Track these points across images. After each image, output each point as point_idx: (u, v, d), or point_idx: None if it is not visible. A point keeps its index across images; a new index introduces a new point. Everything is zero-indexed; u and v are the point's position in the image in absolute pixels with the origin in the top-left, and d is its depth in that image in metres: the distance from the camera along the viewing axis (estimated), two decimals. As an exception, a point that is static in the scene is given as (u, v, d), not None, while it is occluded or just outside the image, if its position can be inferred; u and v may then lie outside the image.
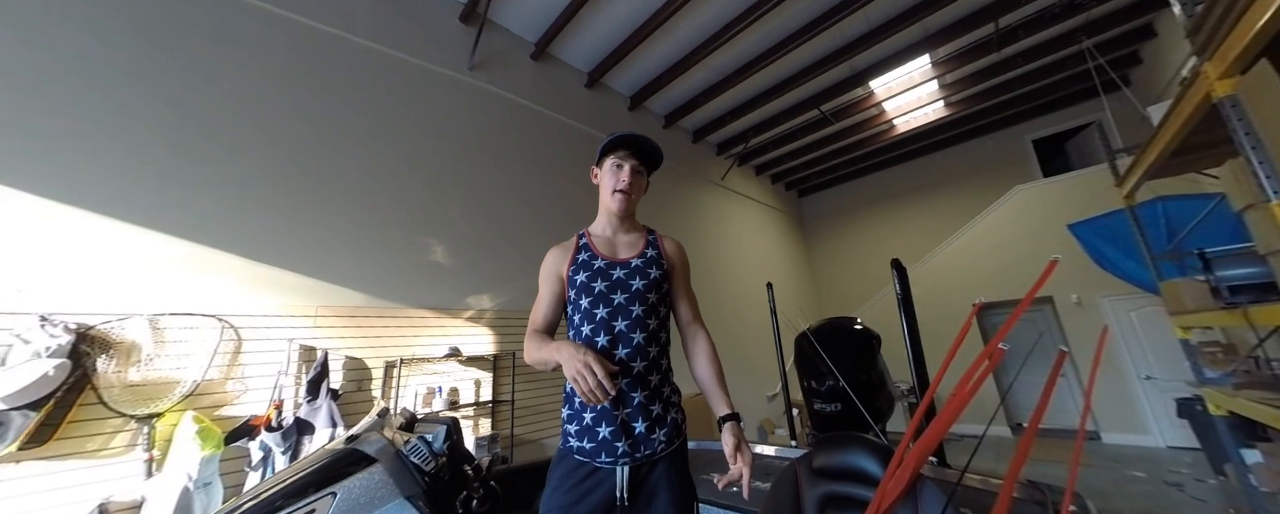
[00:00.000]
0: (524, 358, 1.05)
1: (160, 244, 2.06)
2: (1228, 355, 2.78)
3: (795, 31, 4.22)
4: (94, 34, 2.05)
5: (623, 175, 1.12)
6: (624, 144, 1.12)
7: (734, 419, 1.01)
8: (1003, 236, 5.66)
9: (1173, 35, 4.19)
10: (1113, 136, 4.90)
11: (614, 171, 1.13)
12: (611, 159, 1.14)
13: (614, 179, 1.13)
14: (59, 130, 1.90)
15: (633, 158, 1.13)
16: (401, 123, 3.08)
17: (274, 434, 2.01)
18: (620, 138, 1.12)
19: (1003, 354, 0.78)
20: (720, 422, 1.02)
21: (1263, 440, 2.20)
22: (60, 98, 1.93)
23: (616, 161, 1.13)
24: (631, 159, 1.13)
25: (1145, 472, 3.89)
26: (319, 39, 2.81)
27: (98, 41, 2.05)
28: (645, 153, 1.14)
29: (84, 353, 1.74)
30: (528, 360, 1.03)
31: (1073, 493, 0.96)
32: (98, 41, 2.05)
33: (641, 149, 1.13)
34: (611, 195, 1.13)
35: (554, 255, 1.15)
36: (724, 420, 1.01)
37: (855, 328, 2.35)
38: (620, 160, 1.13)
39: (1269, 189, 1.46)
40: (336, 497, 1.01)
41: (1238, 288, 2.00)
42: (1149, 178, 2.61)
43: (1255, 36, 1.37)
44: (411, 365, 2.70)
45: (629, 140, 1.12)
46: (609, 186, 1.13)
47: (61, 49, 1.96)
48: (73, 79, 1.97)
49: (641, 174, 1.15)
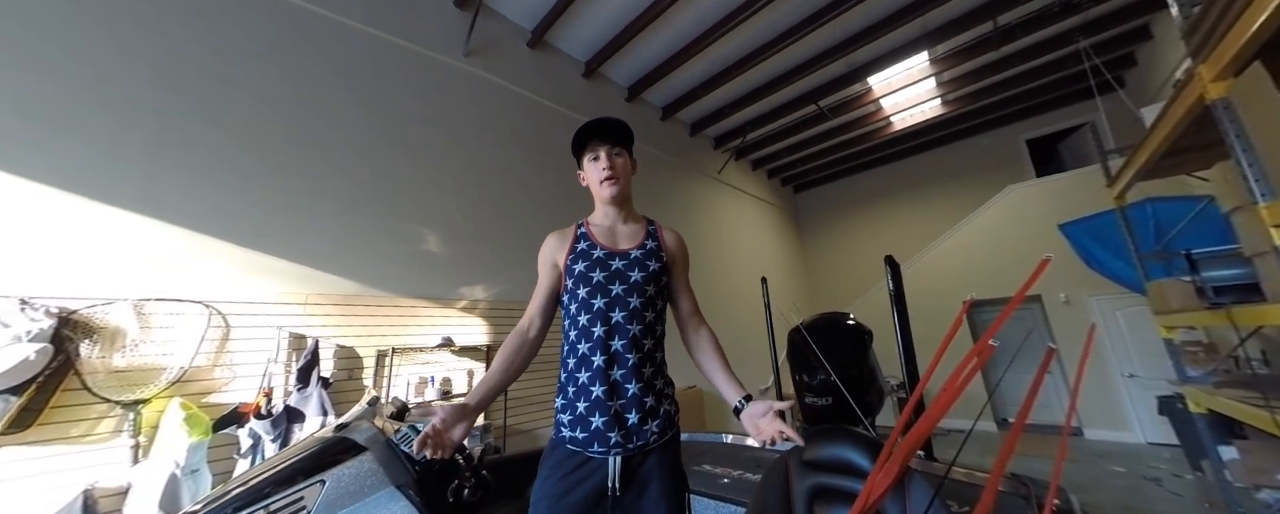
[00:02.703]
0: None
1: (146, 228, 2.01)
2: (1209, 355, 2.84)
3: (795, 24, 4.19)
4: (77, 10, 1.98)
5: (602, 162, 1.12)
6: (585, 134, 1.12)
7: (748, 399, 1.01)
8: (995, 235, 5.71)
9: (1168, 37, 4.21)
10: (1106, 138, 4.94)
11: (593, 164, 1.13)
12: (586, 155, 1.13)
13: (597, 170, 1.12)
14: (39, 110, 1.85)
15: (603, 143, 1.12)
16: (395, 109, 3.03)
17: (263, 422, 1.99)
18: (581, 133, 1.12)
19: (992, 350, 0.79)
20: (737, 409, 1.02)
21: (1239, 438, 2.26)
22: (41, 76, 1.86)
23: (591, 154, 1.13)
24: (603, 145, 1.12)
25: (1125, 467, 3.99)
26: (310, 20, 2.75)
27: (80, 21, 1.98)
28: (612, 133, 1.13)
29: (67, 337, 1.71)
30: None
31: (1057, 487, 0.98)
32: (80, 21, 1.98)
33: (606, 131, 1.12)
34: (600, 184, 1.12)
35: (552, 242, 1.14)
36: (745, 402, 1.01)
37: (848, 323, 2.37)
38: (593, 150, 1.12)
39: (1257, 191, 1.48)
40: (326, 484, 1.01)
41: (1222, 288, 2.03)
42: (1140, 179, 2.63)
43: (1251, 38, 1.37)
44: (404, 355, 2.68)
45: (591, 129, 1.12)
46: (596, 178, 1.13)
47: (44, 28, 1.90)
48: (54, 58, 1.90)
49: (620, 154, 1.14)
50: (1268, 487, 2.10)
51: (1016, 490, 1.28)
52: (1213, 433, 2.31)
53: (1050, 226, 3.97)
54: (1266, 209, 1.45)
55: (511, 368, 1.06)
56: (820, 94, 5.33)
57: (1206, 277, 2.10)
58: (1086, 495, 3.40)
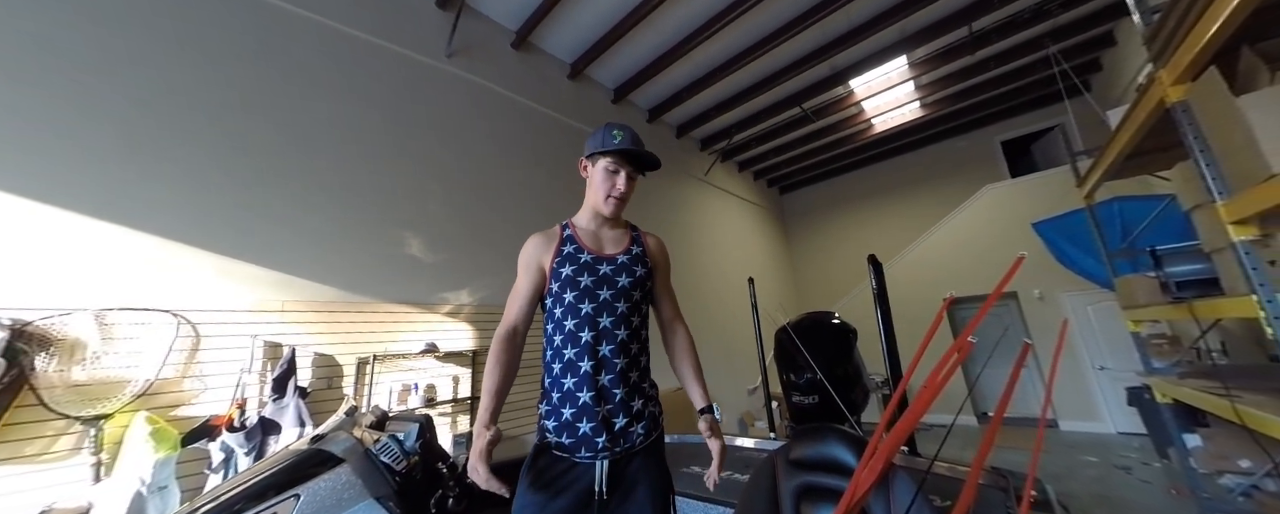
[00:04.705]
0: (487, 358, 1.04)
1: (108, 235, 1.92)
2: (1173, 347, 2.97)
3: (779, 28, 4.25)
4: (38, 10, 1.88)
5: (618, 182, 1.10)
6: (623, 151, 1.09)
7: (710, 410, 1.11)
8: (973, 234, 5.88)
9: (1131, 43, 4.40)
10: (1075, 139, 5.15)
11: (608, 177, 1.10)
12: (606, 162, 1.10)
13: (608, 186, 1.10)
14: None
15: (629, 165, 1.11)
16: (375, 111, 2.96)
17: (237, 434, 1.92)
18: (620, 151, 1.08)
19: (972, 347, 0.80)
20: (701, 412, 1.11)
21: (1202, 426, 2.36)
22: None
23: (611, 167, 1.10)
24: (628, 166, 1.11)
25: (1097, 456, 4.14)
26: (286, 19, 2.67)
27: (42, 20, 1.89)
28: (643, 163, 1.13)
29: (20, 351, 1.62)
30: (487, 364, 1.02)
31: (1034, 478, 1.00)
32: (42, 20, 1.89)
33: (639, 158, 1.11)
34: (604, 201, 1.11)
35: (536, 243, 1.11)
36: (703, 412, 1.11)
37: (833, 322, 2.40)
38: (616, 166, 1.10)
39: (1215, 190, 1.55)
40: (301, 498, 0.97)
41: (1184, 283, 2.12)
42: (1107, 179, 2.74)
43: (1207, 44, 1.44)
44: (386, 362, 2.62)
45: (628, 153, 1.09)
46: (602, 191, 1.11)
47: (2, 20, 1.80)
48: (12, 54, 1.80)
49: (634, 180, 1.14)
50: (1229, 472, 2.20)
51: (995, 483, 1.31)
52: (1178, 422, 2.41)
53: (1024, 225, 4.10)
54: (1224, 207, 1.52)
55: (513, 373, 1.03)
56: (804, 97, 5.42)
57: (1170, 272, 2.19)
58: (1061, 485, 3.51)
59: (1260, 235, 1.45)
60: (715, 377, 6.28)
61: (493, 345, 1.04)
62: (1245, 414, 1.60)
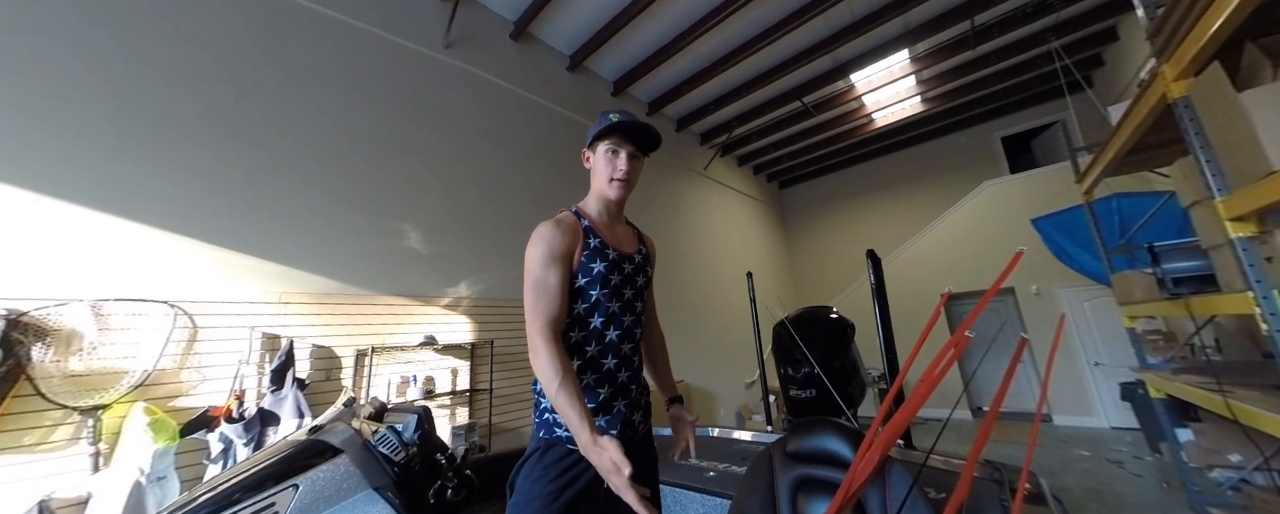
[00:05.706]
0: (534, 361, 0.90)
1: (104, 226, 1.90)
2: (1168, 343, 2.99)
3: (782, 19, 4.20)
4: None
5: (620, 162, 1.05)
6: (619, 130, 1.04)
7: (679, 400, 1.26)
8: (972, 229, 5.89)
9: (1133, 38, 4.37)
10: (1075, 135, 5.13)
11: (609, 158, 1.06)
12: (606, 144, 1.05)
13: (610, 167, 1.05)
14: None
15: (629, 143, 1.06)
16: (373, 101, 2.93)
17: (235, 425, 1.92)
18: (616, 125, 1.03)
19: (968, 341, 0.81)
20: (671, 401, 1.26)
21: (1194, 421, 2.39)
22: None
23: (612, 147, 1.05)
24: (628, 145, 1.05)
25: (1090, 450, 4.18)
26: (282, 7, 2.63)
27: (39, 10, 1.85)
28: (644, 138, 1.07)
29: (16, 341, 1.61)
30: (539, 371, 0.89)
31: (1028, 471, 1.01)
32: (39, 10, 1.85)
33: (640, 134, 1.06)
34: (609, 183, 1.06)
35: (559, 233, 1.00)
36: (673, 401, 1.26)
37: (831, 317, 2.40)
38: (616, 146, 1.05)
39: (1214, 186, 1.55)
40: (299, 489, 0.97)
41: (1181, 280, 2.13)
42: (1107, 175, 2.74)
43: (1211, 38, 1.43)
44: (384, 354, 2.62)
45: (625, 127, 1.04)
46: (605, 174, 1.06)
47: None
48: (7, 48, 1.78)
49: (638, 159, 1.09)
50: (1220, 466, 2.22)
51: (991, 476, 1.32)
52: (1170, 417, 2.44)
53: (1023, 221, 4.11)
54: (1223, 203, 1.52)
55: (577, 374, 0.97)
56: (804, 91, 5.38)
57: (1167, 268, 2.20)
58: (1055, 479, 3.55)
59: (1258, 232, 1.45)
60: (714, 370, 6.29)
61: (545, 349, 0.89)
62: (1238, 409, 1.62)
